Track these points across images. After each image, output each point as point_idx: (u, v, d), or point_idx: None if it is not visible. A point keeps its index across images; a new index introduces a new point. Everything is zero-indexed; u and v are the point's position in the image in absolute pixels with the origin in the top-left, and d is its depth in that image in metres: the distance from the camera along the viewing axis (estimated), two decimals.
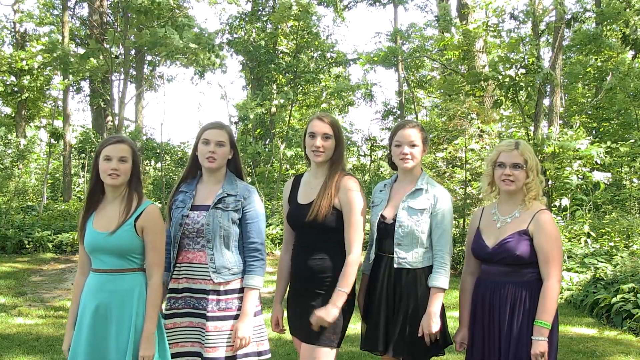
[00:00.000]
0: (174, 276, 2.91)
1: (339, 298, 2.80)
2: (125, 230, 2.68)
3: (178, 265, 2.90)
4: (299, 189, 3.07)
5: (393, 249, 2.96)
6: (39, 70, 17.56)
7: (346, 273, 2.81)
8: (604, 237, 8.90)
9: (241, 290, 2.86)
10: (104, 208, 2.78)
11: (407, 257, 2.93)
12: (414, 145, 2.99)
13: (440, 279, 2.89)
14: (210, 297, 2.82)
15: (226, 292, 2.84)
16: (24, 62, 16.86)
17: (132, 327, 2.64)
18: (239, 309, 2.84)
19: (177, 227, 2.90)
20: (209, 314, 2.81)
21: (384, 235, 3.01)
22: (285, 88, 16.77)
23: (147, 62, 19.39)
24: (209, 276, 2.83)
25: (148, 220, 2.72)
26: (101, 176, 2.74)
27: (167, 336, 2.83)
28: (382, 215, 3.04)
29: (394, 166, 3.15)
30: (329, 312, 2.78)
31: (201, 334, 2.84)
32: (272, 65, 16.83)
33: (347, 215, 2.85)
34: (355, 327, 4.41)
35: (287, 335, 3.51)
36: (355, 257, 2.84)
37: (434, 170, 11.14)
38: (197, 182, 3.01)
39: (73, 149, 16.08)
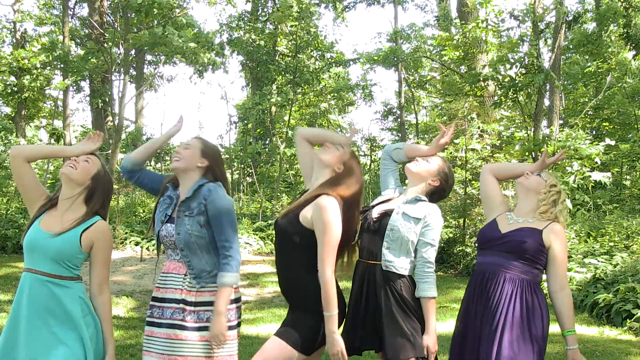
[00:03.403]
0: (157, 285, 2.89)
1: (329, 322, 2.66)
2: (70, 237, 2.60)
3: (163, 274, 2.89)
4: None
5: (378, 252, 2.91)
6: (39, 70, 17.54)
7: (324, 296, 2.66)
8: (604, 237, 8.90)
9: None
10: (56, 209, 2.71)
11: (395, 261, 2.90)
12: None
13: (430, 288, 2.81)
14: (167, 305, 2.81)
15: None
16: (26, 61, 16.83)
17: (89, 350, 2.57)
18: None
19: (161, 240, 2.90)
20: (155, 320, 2.82)
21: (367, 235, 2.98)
22: (285, 88, 16.77)
23: (147, 61, 19.40)
24: (179, 287, 2.79)
25: (98, 232, 2.64)
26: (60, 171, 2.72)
27: (143, 343, 2.84)
28: (370, 215, 2.97)
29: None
30: (331, 342, 2.67)
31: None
32: (272, 66, 16.83)
33: (319, 235, 2.70)
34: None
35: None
36: (327, 277, 2.67)
37: None
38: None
39: None
